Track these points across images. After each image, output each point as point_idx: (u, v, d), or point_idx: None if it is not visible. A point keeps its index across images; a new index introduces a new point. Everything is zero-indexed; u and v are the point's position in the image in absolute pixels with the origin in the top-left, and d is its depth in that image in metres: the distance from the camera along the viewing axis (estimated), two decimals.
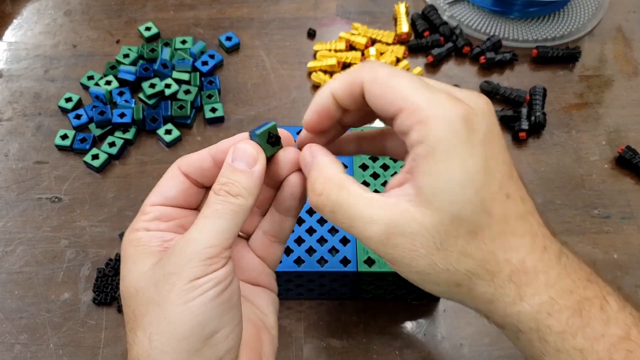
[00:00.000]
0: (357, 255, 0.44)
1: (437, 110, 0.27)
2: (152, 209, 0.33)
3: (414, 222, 0.27)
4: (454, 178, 0.27)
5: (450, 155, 0.27)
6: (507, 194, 0.28)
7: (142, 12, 0.69)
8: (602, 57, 0.66)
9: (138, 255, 0.31)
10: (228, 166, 0.31)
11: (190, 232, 0.29)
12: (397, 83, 0.28)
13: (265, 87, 0.63)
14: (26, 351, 0.46)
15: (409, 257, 0.28)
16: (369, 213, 0.28)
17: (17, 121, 0.60)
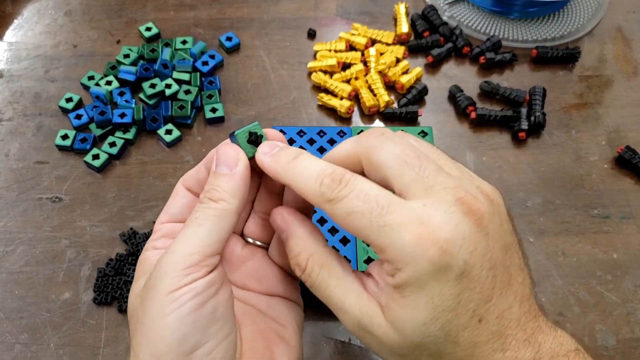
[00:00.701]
0: (357, 255, 0.44)
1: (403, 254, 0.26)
2: (160, 227, 0.33)
3: (380, 328, 0.28)
4: (418, 317, 0.26)
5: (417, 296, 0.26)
6: (481, 318, 0.27)
7: (143, 12, 0.69)
8: (601, 57, 0.66)
9: (140, 274, 0.31)
10: (212, 173, 0.31)
11: (171, 244, 0.29)
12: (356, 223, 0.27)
13: (265, 87, 0.63)
14: (26, 351, 0.46)
15: (377, 350, 0.29)
16: (343, 302, 0.29)
17: (17, 121, 0.60)
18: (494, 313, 0.27)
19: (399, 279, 0.26)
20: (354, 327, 0.29)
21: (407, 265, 0.26)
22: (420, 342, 0.27)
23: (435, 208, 0.26)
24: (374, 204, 0.27)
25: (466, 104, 0.60)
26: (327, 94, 0.61)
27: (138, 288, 0.30)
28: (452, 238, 0.26)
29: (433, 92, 0.62)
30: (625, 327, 0.48)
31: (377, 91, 0.60)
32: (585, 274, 0.51)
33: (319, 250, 0.30)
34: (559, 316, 0.48)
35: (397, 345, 0.27)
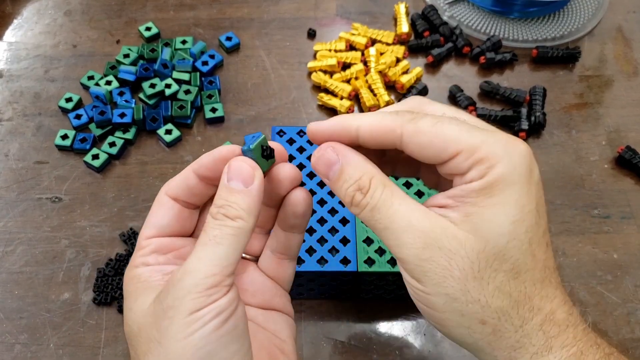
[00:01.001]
0: (357, 255, 0.44)
1: (498, 149, 0.27)
2: (148, 242, 0.31)
3: (455, 240, 0.27)
4: (508, 213, 0.26)
5: (508, 191, 0.26)
6: (547, 242, 0.28)
7: (142, 12, 0.69)
8: (602, 57, 0.66)
9: (139, 292, 0.29)
10: (224, 187, 0.29)
11: (188, 262, 0.28)
12: (446, 129, 0.27)
13: (265, 87, 0.63)
14: (26, 351, 0.46)
15: (441, 274, 0.27)
16: (409, 217, 0.27)
17: (17, 121, 0.60)
18: (550, 246, 0.28)
19: (492, 177, 0.26)
20: (419, 244, 0.27)
21: (502, 159, 0.26)
22: (504, 247, 0.26)
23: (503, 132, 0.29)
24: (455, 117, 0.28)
25: (466, 103, 0.60)
26: (327, 93, 0.61)
27: (141, 307, 0.28)
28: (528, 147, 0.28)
29: (433, 92, 0.62)
30: (625, 327, 0.48)
31: (377, 91, 0.60)
32: (585, 274, 0.50)
33: (378, 172, 0.29)
34: None
35: (475, 257, 0.26)
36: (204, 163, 0.31)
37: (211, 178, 0.31)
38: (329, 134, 0.30)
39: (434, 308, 0.28)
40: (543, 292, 0.27)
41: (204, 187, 0.32)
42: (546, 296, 0.27)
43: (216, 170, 0.30)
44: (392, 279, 0.45)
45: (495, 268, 0.26)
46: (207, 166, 0.31)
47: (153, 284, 0.30)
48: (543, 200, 0.28)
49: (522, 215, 0.27)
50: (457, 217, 0.27)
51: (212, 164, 0.30)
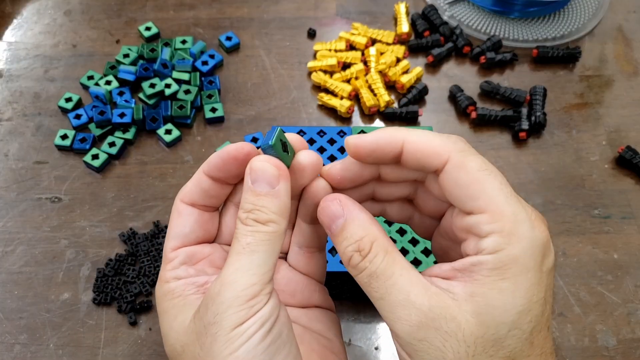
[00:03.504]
0: None
1: (524, 229, 0.25)
2: (175, 254, 0.30)
3: (453, 322, 0.25)
4: (516, 303, 0.25)
5: (521, 278, 0.25)
6: (548, 327, 0.27)
7: (142, 12, 0.69)
8: (602, 57, 0.65)
9: (177, 309, 0.28)
10: (250, 190, 0.27)
11: (224, 274, 0.26)
12: (490, 181, 0.26)
13: (265, 87, 0.62)
14: (26, 351, 0.46)
15: (433, 355, 0.25)
16: (408, 292, 0.26)
17: (17, 121, 0.60)
18: (550, 328, 0.27)
19: (508, 256, 0.25)
20: (415, 322, 0.26)
21: (523, 239, 0.25)
22: (504, 335, 0.25)
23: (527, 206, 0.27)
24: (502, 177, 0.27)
25: (466, 103, 0.60)
26: (327, 93, 0.61)
27: (182, 325, 0.27)
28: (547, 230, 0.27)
29: (433, 92, 0.62)
30: (625, 327, 0.48)
31: (378, 91, 0.60)
32: (585, 274, 0.50)
33: (382, 236, 0.28)
34: (559, 316, 0.48)
35: (472, 342, 0.25)
36: (214, 164, 0.30)
37: (224, 178, 0.30)
38: (372, 148, 0.28)
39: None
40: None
41: (218, 187, 0.30)
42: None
43: (227, 170, 0.29)
44: None
45: (490, 354, 0.25)
46: (218, 167, 0.29)
47: (189, 298, 0.28)
48: (552, 286, 0.27)
49: (529, 306, 0.25)
50: (461, 294, 0.26)
51: (222, 164, 0.29)
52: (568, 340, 0.47)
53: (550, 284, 0.27)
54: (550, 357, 0.27)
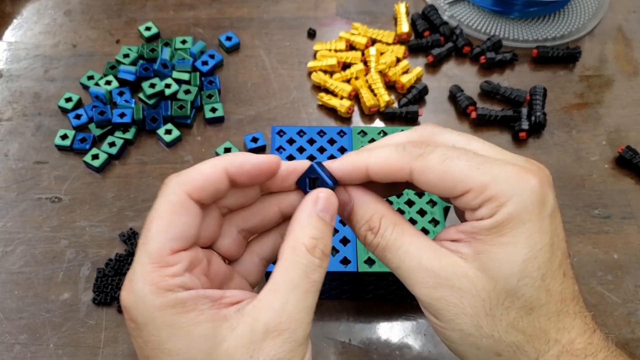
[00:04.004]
0: (357, 255, 0.44)
1: (507, 187, 0.27)
2: (177, 258, 0.26)
3: (465, 278, 0.27)
4: (519, 252, 0.26)
5: (518, 231, 0.27)
6: (565, 272, 0.28)
7: (142, 12, 0.69)
8: (602, 57, 0.65)
9: (195, 326, 0.25)
10: (316, 217, 0.27)
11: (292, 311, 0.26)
12: (454, 166, 0.27)
13: (265, 87, 0.62)
14: (26, 351, 0.46)
15: (453, 312, 0.27)
16: (419, 257, 0.28)
17: (17, 121, 0.60)
18: (569, 273, 0.28)
19: (501, 216, 0.27)
20: (431, 284, 0.27)
21: (511, 198, 0.26)
22: (515, 286, 0.26)
23: (516, 159, 0.28)
24: (465, 150, 0.28)
25: (466, 103, 0.60)
26: (327, 93, 0.61)
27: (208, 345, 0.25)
28: (542, 175, 0.28)
29: (433, 92, 0.62)
30: (625, 327, 0.48)
31: (377, 91, 0.60)
32: (585, 274, 0.50)
33: (389, 211, 0.29)
34: None
35: (486, 295, 0.27)
36: (246, 170, 0.28)
37: (244, 184, 0.29)
38: (347, 178, 0.30)
39: (451, 341, 0.28)
40: (559, 324, 0.27)
41: (229, 190, 0.29)
42: (563, 328, 0.27)
43: (256, 179, 0.28)
44: (392, 279, 0.45)
45: (506, 306, 0.27)
46: (249, 173, 0.28)
47: (207, 314, 0.25)
48: (560, 230, 0.28)
49: (534, 253, 0.27)
50: (468, 253, 0.27)
51: (256, 172, 0.28)
52: None
53: (557, 229, 0.28)
54: (572, 302, 0.28)
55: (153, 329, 0.25)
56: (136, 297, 0.25)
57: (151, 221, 0.27)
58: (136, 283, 0.26)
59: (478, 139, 0.30)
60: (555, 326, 0.27)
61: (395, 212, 0.30)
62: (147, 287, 0.25)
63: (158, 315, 0.25)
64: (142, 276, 0.26)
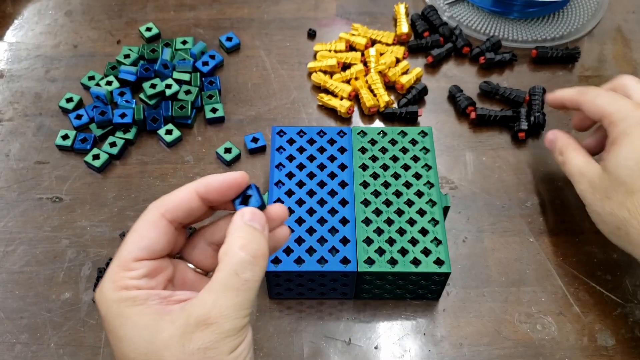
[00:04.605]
0: (357, 255, 0.44)
1: (622, 114, 0.44)
2: (139, 265, 0.31)
3: (597, 176, 0.45)
4: (623, 153, 0.43)
5: (625, 141, 0.43)
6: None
7: (143, 12, 0.69)
8: (601, 58, 0.66)
9: (142, 316, 0.30)
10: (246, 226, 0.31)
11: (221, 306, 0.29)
12: (599, 100, 0.46)
13: (265, 87, 0.63)
14: (27, 351, 0.46)
15: (592, 198, 0.46)
16: (580, 168, 0.47)
17: (18, 121, 0.60)
18: None
19: (615, 132, 0.44)
20: (584, 185, 0.46)
21: (623, 120, 0.44)
22: (621, 174, 0.43)
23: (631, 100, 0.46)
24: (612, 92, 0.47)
25: (466, 104, 0.60)
26: (327, 94, 0.62)
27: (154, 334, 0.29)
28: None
29: (433, 92, 0.62)
30: (624, 327, 0.48)
31: (377, 91, 0.60)
32: (585, 274, 0.51)
33: (571, 142, 0.50)
34: (559, 316, 0.48)
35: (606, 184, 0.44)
36: (214, 187, 0.32)
37: (216, 202, 0.32)
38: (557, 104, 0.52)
39: (592, 218, 0.47)
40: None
41: (203, 209, 0.33)
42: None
43: (226, 195, 0.32)
44: (392, 278, 0.45)
45: (616, 190, 0.43)
46: (219, 190, 0.32)
47: (154, 307, 0.30)
48: None
49: (634, 155, 0.43)
50: (602, 159, 0.45)
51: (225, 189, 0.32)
52: (567, 339, 0.47)
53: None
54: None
55: (110, 318, 0.30)
56: (101, 293, 0.31)
57: (128, 235, 0.32)
58: (104, 281, 0.31)
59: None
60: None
61: (576, 144, 0.49)
62: (109, 284, 0.30)
63: (114, 307, 0.30)
64: (108, 276, 0.31)
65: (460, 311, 0.48)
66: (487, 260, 0.51)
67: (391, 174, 0.49)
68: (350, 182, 0.48)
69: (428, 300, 0.49)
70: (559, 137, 0.51)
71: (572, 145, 0.49)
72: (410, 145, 0.51)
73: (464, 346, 0.47)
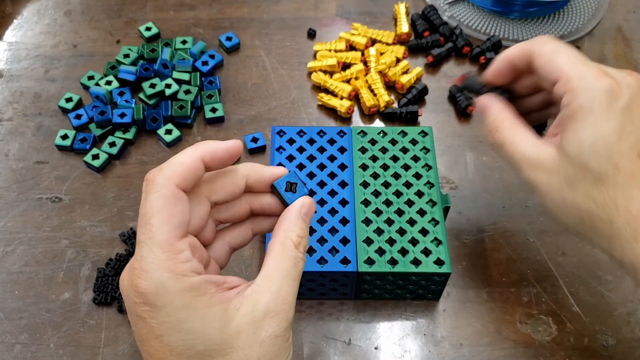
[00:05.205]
0: (357, 255, 0.44)
1: (584, 82, 0.35)
2: (183, 244, 0.29)
3: (554, 162, 0.36)
4: (586, 135, 0.35)
5: (587, 118, 0.35)
6: (639, 153, 0.35)
7: (143, 12, 0.69)
8: (602, 57, 0.66)
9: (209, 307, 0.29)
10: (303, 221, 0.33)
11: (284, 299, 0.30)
12: (558, 57, 0.36)
13: (265, 87, 0.63)
14: (26, 351, 0.46)
15: (547, 187, 0.37)
16: (524, 146, 0.38)
17: (17, 121, 0.60)
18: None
19: (574, 105, 0.35)
20: (532, 172, 0.37)
21: (584, 91, 0.35)
22: (585, 161, 0.35)
23: (607, 69, 0.36)
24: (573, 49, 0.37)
25: (466, 103, 0.60)
26: (327, 93, 0.61)
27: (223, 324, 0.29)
28: (621, 79, 0.35)
29: (433, 92, 0.62)
30: (625, 327, 0.48)
31: (377, 91, 0.60)
32: (585, 274, 0.50)
33: (509, 116, 0.39)
34: (559, 316, 0.48)
35: (566, 171, 0.35)
36: (219, 155, 0.32)
37: (215, 168, 0.32)
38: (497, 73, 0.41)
39: (550, 210, 0.38)
40: (628, 195, 0.34)
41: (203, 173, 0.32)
42: (631, 198, 0.34)
43: (226, 162, 0.32)
44: (392, 279, 0.45)
45: (580, 178, 0.35)
46: (222, 159, 0.32)
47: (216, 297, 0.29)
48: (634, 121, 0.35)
49: (601, 136, 0.34)
50: (558, 141, 0.36)
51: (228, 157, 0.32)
52: (568, 339, 0.47)
53: (629, 118, 0.34)
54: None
55: (172, 311, 0.28)
56: (157, 284, 0.28)
57: (150, 216, 0.30)
58: (154, 272, 0.28)
59: None
60: (624, 196, 0.34)
61: (515, 118, 0.39)
62: (166, 274, 0.28)
63: (177, 298, 0.28)
64: (158, 265, 0.28)
65: (461, 311, 0.48)
66: (487, 261, 0.51)
67: (391, 174, 0.49)
68: (350, 182, 0.48)
69: (428, 301, 0.49)
70: (491, 105, 0.40)
71: (509, 120, 0.39)
72: (410, 145, 0.51)
73: (464, 346, 0.47)
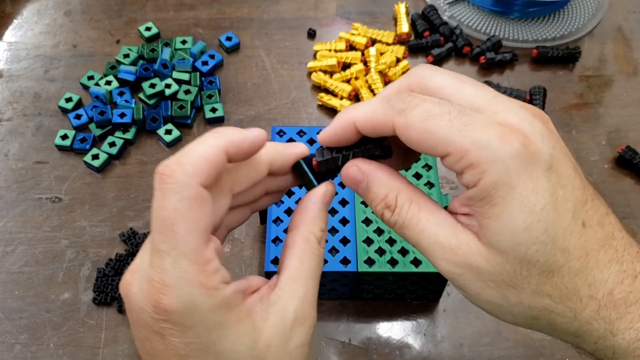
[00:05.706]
0: (357, 255, 0.44)
1: (486, 152, 0.25)
2: (210, 252, 0.26)
3: (480, 256, 0.26)
4: (516, 221, 0.25)
5: (509, 198, 0.25)
6: (583, 222, 0.26)
7: (142, 12, 0.69)
8: (602, 57, 0.66)
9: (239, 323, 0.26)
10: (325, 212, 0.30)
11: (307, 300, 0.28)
12: (435, 127, 0.25)
13: (265, 87, 0.63)
14: (26, 351, 0.46)
15: (478, 286, 0.27)
16: (436, 234, 0.27)
17: (17, 121, 0.60)
18: (594, 218, 0.26)
19: (485, 184, 0.25)
20: (449, 264, 0.27)
21: (493, 164, 0.24)
22: (525, 254, 0.25)
23: (507, 111, 0.26)
24: (450, 107, 0.26)
25: None
26: (327, 93, 0.61)
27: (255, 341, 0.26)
28: (532, 133, 0.25)
29: None
30: None
31: (377, 91, 0.60)
32: None
33: (405, 187, 0.28)
34: None
35: (501, 269, 0.26)
36: (244, 148, 0.27)
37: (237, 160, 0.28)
38: (336, 138, 0.29)
39: (486, 310, 0.28)
40: (589, 279, 0.26)
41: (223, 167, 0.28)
42: (594, 282, 0.26)
43: (249, 155, 0.28)
44: (392, 279, 0.45)
45: (525, 275, 0.26)
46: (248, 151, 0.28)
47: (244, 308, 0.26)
48: (567, 180, 0.26)
49: (535, 217, 0.25)
50: (477, 227, 0.26)
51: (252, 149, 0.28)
52: None
53: (560, 181, 0.25)
54: (601, 251, 0.26)
55: (202, 331, 0.25)
56: (185, 302, 0.24)
57: (173, 222, 0.25)
58: (182, 288, 0.24)
59: (472, 81, 0.27)
60: (584, 282, 0.26)
61: (412, 187, 0.29)
62: (196, 290, 0.24)
63: (210, 316, 0.25)
64: (187, 280, 0.24)
65: (461, 311, 0.48)
66: None
67: None
68: None
69: (428, 301, 0.49)
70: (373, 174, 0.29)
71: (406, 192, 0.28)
72: None
73: (464, 346, 0.47)
